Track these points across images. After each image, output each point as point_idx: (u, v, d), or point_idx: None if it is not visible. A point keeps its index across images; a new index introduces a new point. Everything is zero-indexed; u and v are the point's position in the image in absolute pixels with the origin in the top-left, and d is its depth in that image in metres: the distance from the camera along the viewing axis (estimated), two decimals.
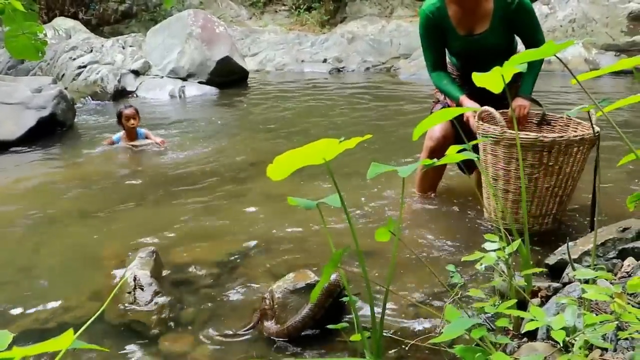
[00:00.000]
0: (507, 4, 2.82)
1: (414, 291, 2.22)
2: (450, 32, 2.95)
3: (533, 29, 2.90)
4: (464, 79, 3.09)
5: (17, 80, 6.60)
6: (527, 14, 2.86)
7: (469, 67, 2.99)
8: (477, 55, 2.98)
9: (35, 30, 1.51)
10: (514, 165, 2.62)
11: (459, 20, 2.91)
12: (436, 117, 1.79)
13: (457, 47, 3.01)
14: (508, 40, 2.97)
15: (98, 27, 14.02)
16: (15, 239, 3.16)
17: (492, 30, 2.88)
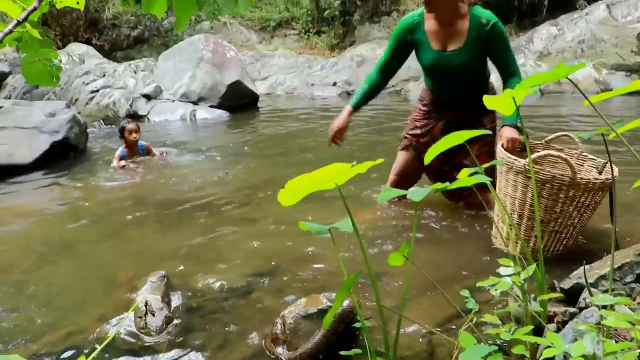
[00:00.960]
0: (481, 25, 2.91)
1: (427, 316, 2.19)
2: (424, 45, 3.06)
3: (505, 55, 2.97)
4: (434, 103, 3.25)
5: (31, 105, 6.67)
6: (499, 39, 2.94)
7: (439, 84, 3.18)
8: (447, 71, 3.07)
9: (51, 57, 1.52)
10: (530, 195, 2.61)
11: (434, 34, 3.02)
12: (447, 140, 1.79)
13: (429, 61, 3.09)
14: (479, 62, 3.03)
15: (111, 52, 14.22)
16: (27, 262, 3.16)
17: (465, 48, 2.97)
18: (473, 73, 3.07)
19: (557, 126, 6.34)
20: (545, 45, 9.89)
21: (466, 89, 3.12)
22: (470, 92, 3.11)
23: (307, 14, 15.24)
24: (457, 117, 3.17)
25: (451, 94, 3.17)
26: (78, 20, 14.09)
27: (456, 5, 2.94)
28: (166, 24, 15.25)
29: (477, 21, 2.92)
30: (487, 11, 2.96)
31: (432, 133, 3.26)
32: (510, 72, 2.97)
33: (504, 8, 13.14)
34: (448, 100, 3.20)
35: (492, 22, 2.91)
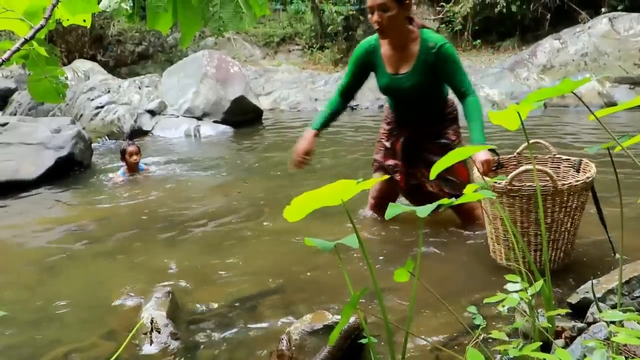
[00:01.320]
0: (429, 48, 3.01)
1: (434, 332, 2.18)
2: (380, 68, 3.17)
3: (454, 76, 3.04)
4: (395, 122, 3.35)
5: (37, 121, 6.69)
6: (446, 61, 3.01)
7: (397, 106, 3.32)
8: (400, 93, 3.19)
9: (57, 74, 1.53)
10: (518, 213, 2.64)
11: (388, 58, 3.13)
12: (452, 156, 1.79)
13: (383, 84, 3.21)
14: (430, 83, 3.12)
15: (115, 68, 14.31)
16: (30, 278, 3.16)
17: (414, 71, 3.07)
18: (426, 94, 3.16)
19: (561, 140, 6.33)
20: (548, 59, 9.90)
21: (422, 108, 3.23)
22: (427, 110, 3.23)
23: (311, 29, 15.32)
24: (416, 133, 3.27)
25: (408, 113, 3.28)
26: (83, 36, 14.19)
27: (406, 30, 3.03)
28: (170, 40, 15.35)
29: (426, 45, 3.01)
30: (437, 35, 3.07)
31: (394, 150, 3.35)
32: (463, 91, 3.04)
33: (507, 22, 13.20)
34: (407, 119, 3.30)
35: (438, 45, 3.00)
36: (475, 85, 9.07)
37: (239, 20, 1.61)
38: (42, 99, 1.55)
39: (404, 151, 3.30)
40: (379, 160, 3.43)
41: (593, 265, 2.74)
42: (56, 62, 1.60)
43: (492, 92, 8.81)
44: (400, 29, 3.00)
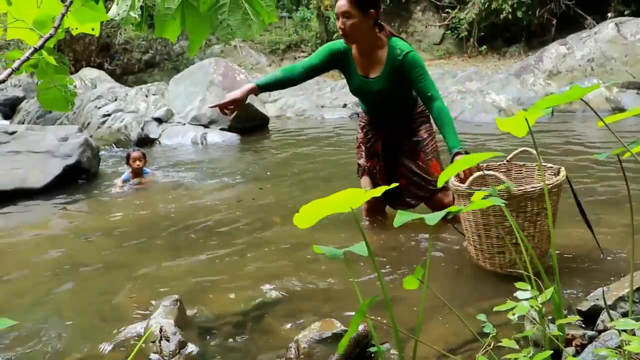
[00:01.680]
0: (395, 55, 3.13)
1: (442, 340, 2.17)
2: (352, 69, 3.28)
3: (419, 81, 3.13)
4: (370, 124, 3.48)
5: (44, 130, 6.73)
6: (412, 67, 3.12)
7: (370, 108, 3.44)
8: (371, 95, 3.32)
9: (66, 83, 1.54)
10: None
11: (359, 61, 3.25)
12: (459, 164, 1.79)
13: (355, 85, 3.33)
14: (399, 88, 3.23)
15: (122, 76, 14.38)
16: (37, 287, 3.16)
17: (383, 76, 3.19)
18: (397, 97, 3.29)
19: (571, 147, 6.31)
20: (554, 65, 9.89)
21: (394, 110, 3.35)
22: (398, 111, 3.36)
23: (316, 36, 15.37)
24: (393, 133, 3.41)
25: (381, 115, 3.41)
26: (90, 45, 14.28)
27: (372, 37, 3.14)
28: (177, 48, 15.43)
29: (393, 52, 3.14)
30: (404, 42, 3.19)
31: (375, 152, 3.47)
32: (429, 95, 3.13)
33: (513, 28, 13.21)
34: (380, 120, 3.43)
35: (404, 52, 3.12)
36: (482, 91, 9.09)
37: (247, 27, 1.61)
38: (51, 108, 1.56)
39: (384, 152, 3.43)
40: (363, 164, 3.55)
41: (601, 271, 2.72)
42: (65, 70, 1.60)
43: (498, 98, 8.79)
44: (364, 36, 3.11)
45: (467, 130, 7.80)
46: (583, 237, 3.00)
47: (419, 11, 15.33)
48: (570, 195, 2.87)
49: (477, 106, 8.71)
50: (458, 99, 9.03)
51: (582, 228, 2.91)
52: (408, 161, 3.39)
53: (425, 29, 15.28)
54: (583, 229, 2.88)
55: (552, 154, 5.75)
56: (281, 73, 3.36)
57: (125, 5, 1.74)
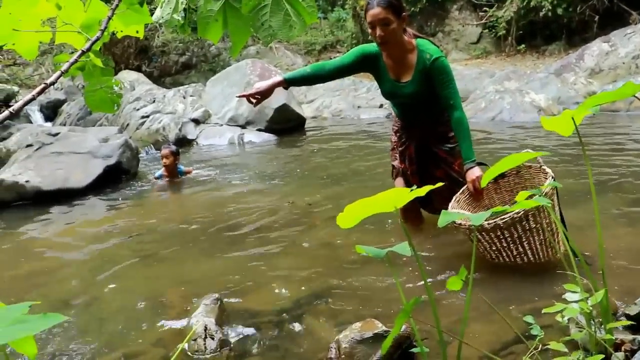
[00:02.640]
0: (424, 59, 3.12)
1: (485, 342, 2.13)
2: (383, 73, 3.27)
3: (444, 88, 3.13)
4: (403, 128, 3.47)
5: (86, 131, 6.88)
6: (439, 73, 3.12)
7: (402, 111, 3.44)
8: (403, 99, 3.31)
9: (112, 84, 1.56)
10: None
11: (390, 66, 3.24)
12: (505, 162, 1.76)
13: (386, 89, 3.32)
14: (430, 91, 3.20)
15: (160, 78, 14.59)
16: (78, 285, 3.23)
17: (414, 80, 3.17)
18: (428, 100, 3.26)
19: (620, 145, 6.15)
20: (596, 62, 9.67)
21: (426, 113, 3.33)
22: (430, 115, 3.34)
23: (352, 37, 15.35)
24: (425, 137, 3.39)
25: (413, 118, 3.40)
26: (129, 48, 14.54)
27: (403, 41, 3.13)
28: (213, 50, 15.59)
29: (423, 56, 3.12)
30: (433, 46, 3.17)
31: (408, 155, 3.46)
32: (450, 104, 3.13)
33: (552, 26, 12.97)
34: (413, 123, 3.42)
35: (433, 57, 3.10)
36: (521, 90, 8.94)
37: (288, 28, 1.62)
38: (97, 109, 1.58)
39: (417, 156, 3.42)
40: (397, 166, 3.54)
41: None
42: (111, 72, 1.63)
43: (538, 97, 8.63)
44: (398, 40, 3.11)
45: (505, 130, 7.69)
46: (631, 240, 2.93)
47: (456, 10, 15.16)
48: (621, 195, 2.80)
49: (516, 106, 8.57)
50: (496, 99, 8.90)
51: (630, 229, 2.84)
52: (444, 166, 3.37)
53: (462, 28, 15.10)
54: (632, 230, 2.81)
55: (599, 154, 5.61)
56: (310, 69, 3.35)
57: (169, 8, 1.76)
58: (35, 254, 3.94)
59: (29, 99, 1.30)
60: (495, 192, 3.26)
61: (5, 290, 3.21)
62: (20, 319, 0.81)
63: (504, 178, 3.22)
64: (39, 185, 5.56)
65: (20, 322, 0.80)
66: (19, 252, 4.02)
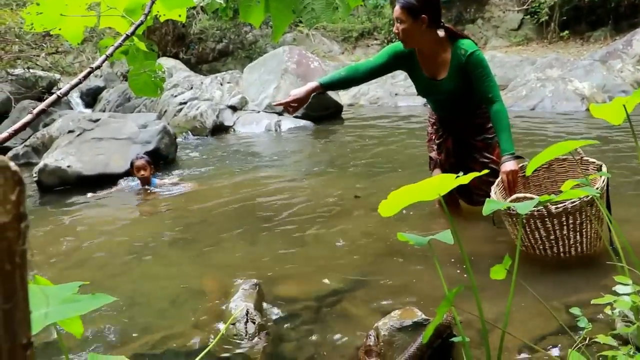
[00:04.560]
0: (459, 55, 3.09)
1: (528, 332, 2.09)
2: (417, 72, 3.27)
3: (482, 82, 3.10)
4: (440, 122, 3.46)
5: (125, 117, 6.98)
6: (475, 67, 3.09)
7: (438, 107, 3.45)
8: (439, 96, 3.31)
9: (155, 69, 1.57)
10: None
11: (424, 64, 3.23)
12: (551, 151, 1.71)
13: (421, 87, 3.33)
14: (464, 88, 3.17)
15: (197, 65, 14.69)
16: (119, 268, 3.28)
17: (449, 77, 3.16)
18: (464, 97, 3.23)
19: None
20: None
21: (462, 109, 3.32)
22: (467, 110, 3.31)
23: (389, 23, 15.19)
24: (462, 130, 3.37)
25: (450, 113, 3.39)
26: (167, 35, 14.67)
27: (430, 40, 3.11)
28: (250, 37, 15.62)
29: (458, 52, 3.11)
30: (469, 41, 3.13)
31: (445, 147, 3.45)
32: (489, 97, 3.10)
33: (598, 11, 12.60)
34: (450, 118, 3.41)
35: (468, 52, 3.08)
36: (563, 78, 8.73)
37: (332, 11, 1.60)
38: (141, 93, 1.59)
39: (455, 150, 3.41)
40: (434, 157, 3.53)
41: None
42: (154, 57, 1.64)
43: (581, 85, 8.41)
44: (420, 40, 3.10)
45: (546, 119, 7.53)
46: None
47: None
48: None
49: (558, 94, 8.38)
50: (537, 87, 8.71)
51: None
52: (482, 158, 3.33)
53: (502, 14, 14.80)
54: None
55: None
56: (345, 72, 3.35)
57: None
58: (76, 237, 4.02)
59: (76, 83, 1.31)
60: (524, 186, 3.20)
61: (47, 271, 3.28)
62: (70, 298, 0.82)
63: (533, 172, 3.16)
64: (80, 170, 5.68)
65: (71, 302, 0.81)
66: (61, 234, 4.10)
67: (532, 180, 3.23)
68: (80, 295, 0.82)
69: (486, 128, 3.31)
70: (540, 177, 3.22)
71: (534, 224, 2.66)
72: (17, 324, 0.42)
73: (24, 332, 0.43)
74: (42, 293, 0.76)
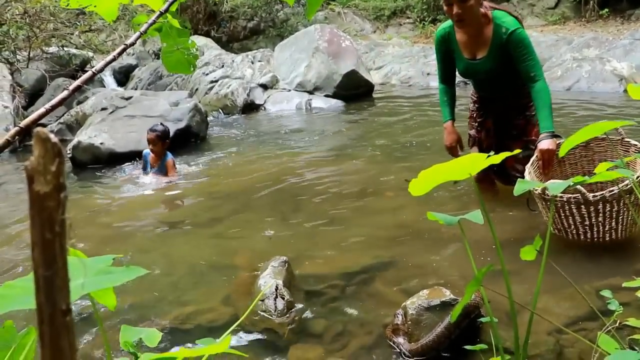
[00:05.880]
0: (500, 34, 3.04)
1: (557, 315, 2.08)
2: (457, 54, 3.25)
3: (524, 61, 3.03)
4: (481, 101, 3.44)
5: (157, 95, 7.05)
6: (517, 46, 3.02)
7: (479, 87, 3.43)
8: (479, 76, 3.29)
9: (188, 46, 1.58)
10: None
11: (464, 44, 3.19)
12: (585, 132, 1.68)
13: (462, 68, 3.30)
14: (504, 66, 3.12)
15: (228, 43, 14.71)
16: (150, 245, 3.34)
17: (489, 56, 3.11)
18: (505, 75, 3.18)
19: None
20: None
21: (503, 89, 3.28)
22: (508, 89, 3.28)
23: (422, 2, 14.98)
24: (503, 110, 3.34)
25: (491, 93, 3.36)
26: (198, 13, 14.68)
27: (480, 16, 3.04)
28: (281, 15, 15.56)
29: (499, 30, 3.04)
30: (509, 18, 3.06)
31: (485, 127, 3.43)
32: (532, 76, 3.03)
33: None
34: (491, 98, 3.38)
35: (510, 30, 3.01)
36: (601, 58, 8.51)
37: None
38: (174, 70, 1.60)
39: (495, 130, 3.38)
40: (473, 135, 3.51)
41: None
42: (187, 34, 1.64)
43: (620, 65, 8.18)
44: (478, 17, 3.04)
45: (582, 99, 7.37)
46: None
47: None
48: None
49: (595, 74, 8.17)
50: (573, 67, 8.51)
51: None
52: (522, 136, 3.28)
53: None
54: None
55: None
56: (445, 96, 3.44)
57: None
58: (109, 213, 4.11)
59: (110, 60, 1.32)
60: (559, 164, 3.14)
61: (80, 245, 3.36)
62: (104, 270, 0.84)
63: (569, 151, 3.10)
64: (112, 147, 5.77)
65: (105, 273, 0.83)
66: (94, 210, 4.19)
67: (569, 159, 3.16)
68: (114, 268, 0.84)
69: (529, 106, 3.26)
70: (576, 155, 3.16)
71: (569, 209, 2.62)
72: (56, 291, 0.44)
73: (63, 298, 0.44)
74: (80, 263, 0.78)
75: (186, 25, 1.65)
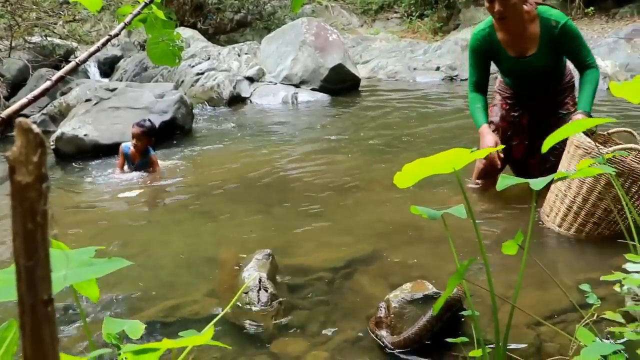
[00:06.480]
0: (551, 27, 2.96)
1: (538, 308, 2.11)
2: (502, 54, 3.16)
3: (579, 51, 3.02)
4: (516, 98, 3.32)
5: (142, 87, 7.00)
6: (570, 38, 2.99)
7: (520, 85, 3.31)
8: (526, 74, 3.20)
9: (173, 37, 1.57)
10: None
11: (509, 43, 3.10)
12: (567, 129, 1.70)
13: (508, 68, 3.23)
14: (556, 61, 3.10)
15: (214, 35, 14.61)
16: (134, 237, 3.32)
17: (540, 52, 3.05)
18: (552, 71, 3.16)
19: None
20: None
21: (545, 85, 3.22)
22: (549, 84, 3.22)
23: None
24: (541, 107, 3.27)
25: (530, 90, 3.28)
26: (184, 5, 14.57)
27: (524, 12, 2.99)
28: (268, 8, 15.49)
29: (547, 24, 2.98)
30: (555, 10, 3.02)
31: (520, 124, 3.35)
32: (588, 64, 3.03)
33: None
34: (530, 96, 3.30)
35: (561, 23, 2.97)
36: None
37: None
38: (159, 62, 1.60)
39: (530, 127, 3.31)
40: (496, 123, 3.39)
41: None
42: (172, 25, 1.64)
43: (604, 63, 8.24)
44: (521, 15, 2.98)
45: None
46: None
47: None
48: None
49: None
50: None
51: None
52: None
53: None
54: None
55: None
56: (477, 103, 3.29)
57: None
58: (92, 206, 4.08)
59: (94, 50, 1.31)
60: None
61: (62, 237, 3.33)
62: (87, 262, 0.84)
63: None
64: (97, 139, 5.72)
65: (87, 265, 0.83)
66: (77, 203, 4.17)
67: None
68: (96, 259, 0.84)
69: (565, 103, 3.24)
70: None
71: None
72: (38, 281, 0.44)
73: (44, 289, 0.44)
74: (62, 255, 0.78)
75: (172, 17, 1.65)
